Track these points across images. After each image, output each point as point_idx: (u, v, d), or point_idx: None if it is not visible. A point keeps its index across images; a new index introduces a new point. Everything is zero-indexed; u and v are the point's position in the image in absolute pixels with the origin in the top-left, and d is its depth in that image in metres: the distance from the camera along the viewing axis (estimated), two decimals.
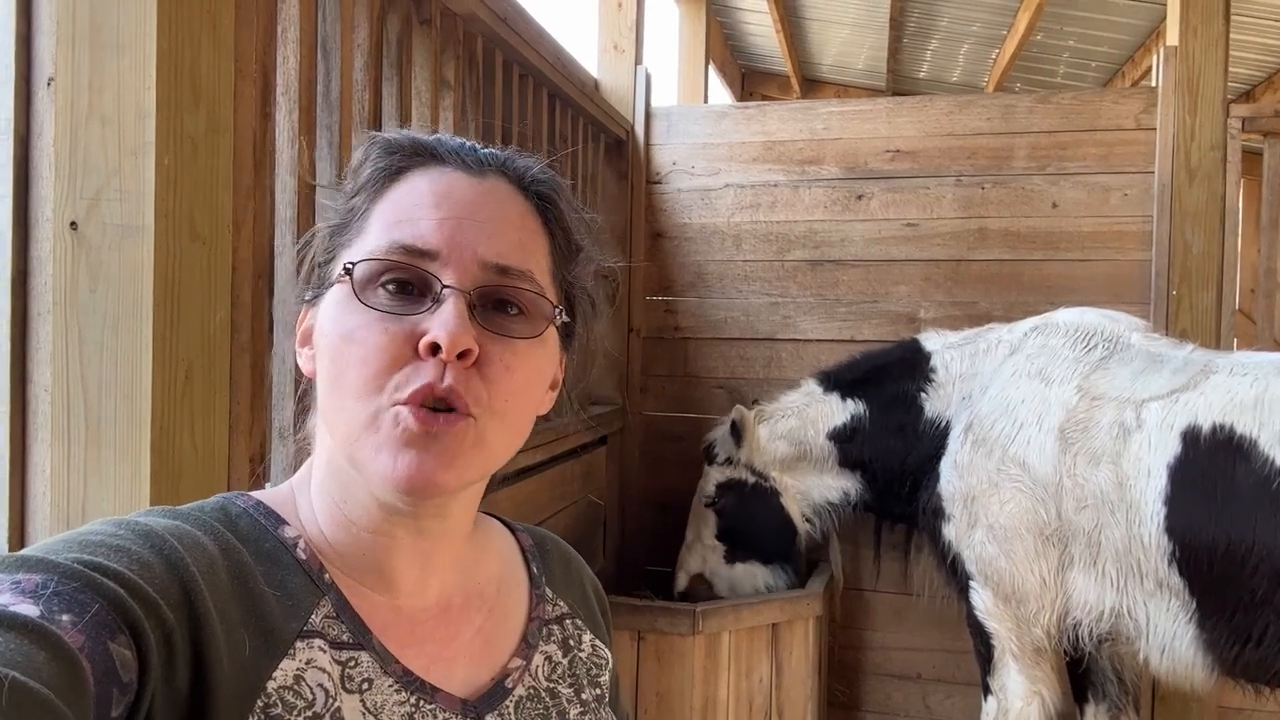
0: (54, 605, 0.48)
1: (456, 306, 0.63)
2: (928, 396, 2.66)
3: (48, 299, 1.12)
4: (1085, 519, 2.23)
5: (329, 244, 0.71)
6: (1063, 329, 2.48)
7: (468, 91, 2.19)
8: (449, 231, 0.66)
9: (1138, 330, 2.45)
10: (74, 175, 1.11)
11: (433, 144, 0.71)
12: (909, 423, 2.68)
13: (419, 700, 0.67)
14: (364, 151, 0.72)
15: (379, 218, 0.68)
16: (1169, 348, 2.38)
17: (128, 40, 1.10)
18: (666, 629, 2.55)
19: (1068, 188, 3.18)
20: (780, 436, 2.87)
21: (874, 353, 2.87)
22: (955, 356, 2.65)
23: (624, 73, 3.47)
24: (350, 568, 0.69)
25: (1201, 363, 2.26)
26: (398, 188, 0.69)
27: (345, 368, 0.64)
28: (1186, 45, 2.98)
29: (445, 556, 0.73)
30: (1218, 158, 2.97)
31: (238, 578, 0.62)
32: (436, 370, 0.62)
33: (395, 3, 1.89)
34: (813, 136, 3.40)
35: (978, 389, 2.54)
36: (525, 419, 0.70)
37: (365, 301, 0.64)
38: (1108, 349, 2.39)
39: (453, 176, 0.69)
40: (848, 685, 3.35)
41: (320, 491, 0.70)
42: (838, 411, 2.80)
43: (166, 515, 0.62)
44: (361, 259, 0.65)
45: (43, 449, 1.14)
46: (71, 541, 0.55)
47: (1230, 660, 2.09)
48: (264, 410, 1.46)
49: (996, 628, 2.43)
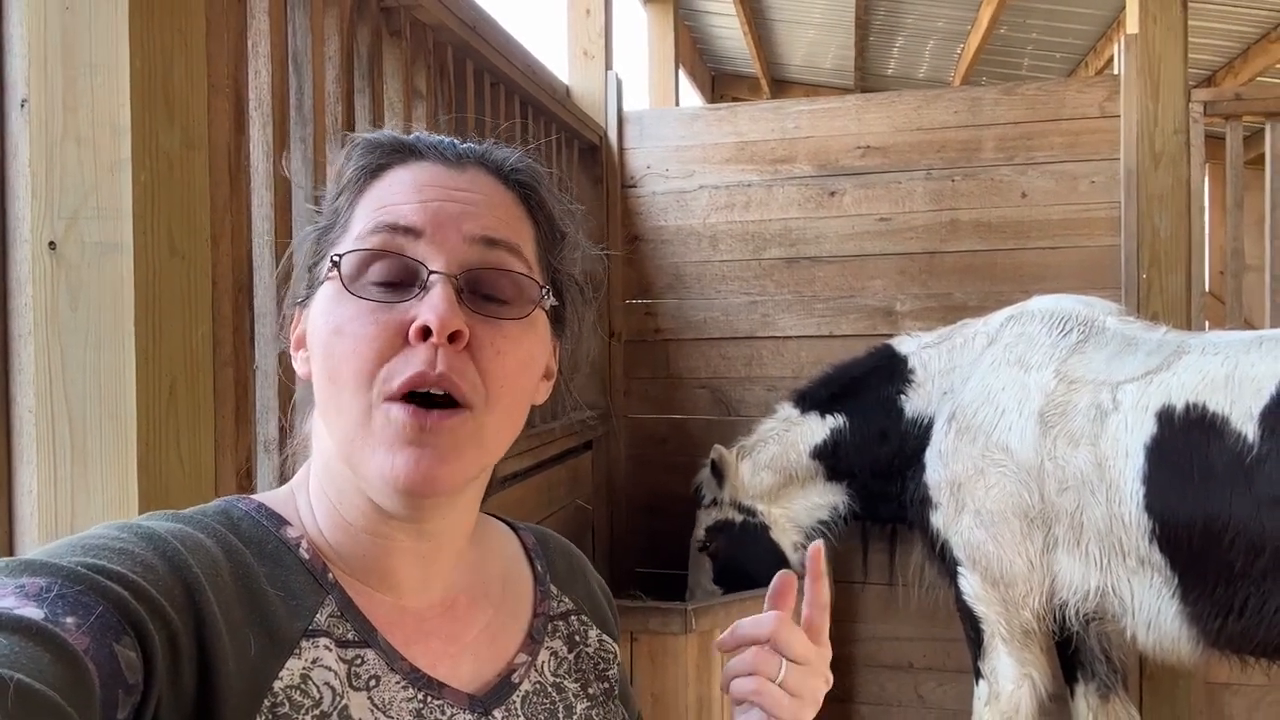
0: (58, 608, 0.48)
1: (445, 290, 0.63)
2: (907, 398, 2.69)
3: (29, 319, 1.12)
4: (1067, 500, 2.27)
5: (316, 246, 0.72)
6: (1039, 316, 2.52)
7: (440, 101, 2.20)
8: (432, 211, 0.66)
9: (1113, 314, 2.48)
10: (51, 195, 1.11)
11: (412, 141, 0.72)
12: (890, 426, 2.70)
13: (426, 696, 0.67)
14: (346, 152, 0.73)
15: (363, 211, 0.68)
16: (1143, 330, 2.42)
17: (100, 59, 1.10)
18: (659, 629, 2.55)
19: (1036, 177, 3.22)
20: (764, 467, 2.85)
21: (847, 364, 2.87)
22: (933, 355, 2.68)
23: (595, 78, 3.48)
24: (352, 568, 0.69)
25: (1175, 344, 2.29)
26: (379, 183, 0.70)
27: (338, 361, 0.64)
28: (1146, 32, 3.03)
29: (447, 556, 0.73)
30: (1181, 142, 3.02)
31: (241, 579, 0.62)
32: (428, 356, 0.62)
33: (365, 15, 1.90)
34: (784, 136, 3.43)
35: (959, 381, 2.57)
36: (520, 406, 0.70)
37: (355, 293, 0.65)
38: (1083, 333, 2.43)
39: (434, 168, 0.70)
40: (840, 677, 3.37)
41: (318, 493, 0.70)
42: (818, 430, 2.79)
43: (169, 518, 0.63)
44: (348, 250, 0.66)
45: (29, 470, 1.14)
46: (75, 545, 0.55)
47: (1214, 632, 2.13)
48: (249, 424, 1.46)
49: (985, 611, 2.46)
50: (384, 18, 1.98)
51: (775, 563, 2.85)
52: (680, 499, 3.20)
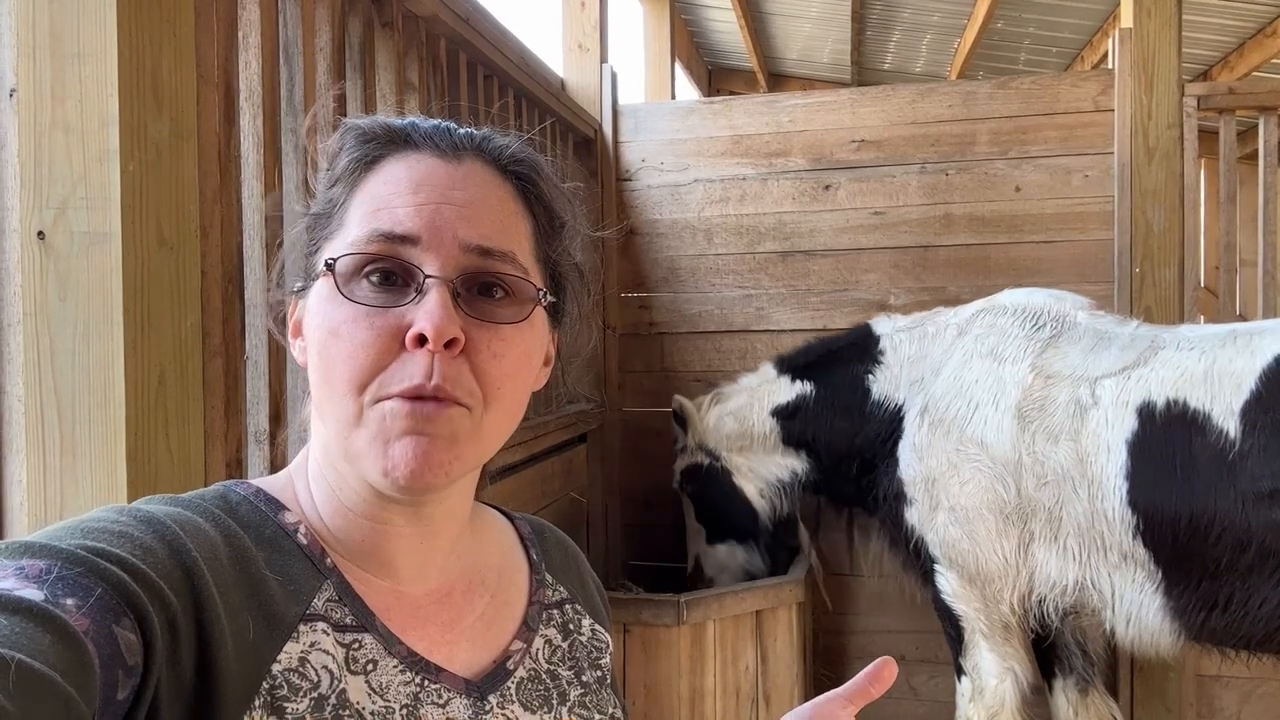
0: (58, 590, 0.49)
1: (441, 296, 0.63)
2: (875, 378, 2.70)
3: (17, 309, 1.13)
4: (1046, 495, 2.27)
5: (312, 235, 0.71)
6: (1010, 309, 2.52)
7: (433, 93, 2.20)
8: (428, 216, 0.65)
9: (1083, 309, 2.49)
10: (39, 185, 1.11)
11: (407, 129, 0.70)
12: (855, 404, 2.73)
13: (423, 680, 0.67)
14: (339, 139, 0.71)
15: (358, 208, 0.67)
16: (1115, 325, 2.42)
17: (89, 49, 1.10)
18: (652, 620, 2.56)
19: (1030, 171, 3.23)
20: (729, 413, 2.94)
21: (830, 338, 2.94)
22: (904, 340, 2.68)
23: (590, 71, 3.48)
24: (350, 553, 0.69)
25: (1149, 339, 2.29)
26: (375, 176, 0.68)
27: (333, 363, 0.64)
28: (1141, 27, 3.03)
29: (444, 542, 0.74)
30: (1175, 136, 3.02)
31: (240, 563, 0.62)
32: (424, 366, 0.62)
33: (356, 6, 1.90)
34: (779, 129, 3.44)
35: (929, 371, 2.57)
36: (519, 401, 0.70)
37: (349, 296, 0.64)
38: (1056, 327, 2.43)
39: (430, 162, 0.68)
40: (833, 669, 3.39)
41: (317, 478, 0.71)
42: (784, 390, 2.86)
43: (167, 502, 0.63)
44: (343, 253, 0.65)
45: (18, 460, 1.14)
46: (74, 528, 0.55)
47: (1197, 626, 2.14)
48: (239, 415, 1.46)
49: (964, 609, 2.46)
50: (376, 9, 1.98)
51: (741, 505, 2.99)
52: (674, 492, 3.21)
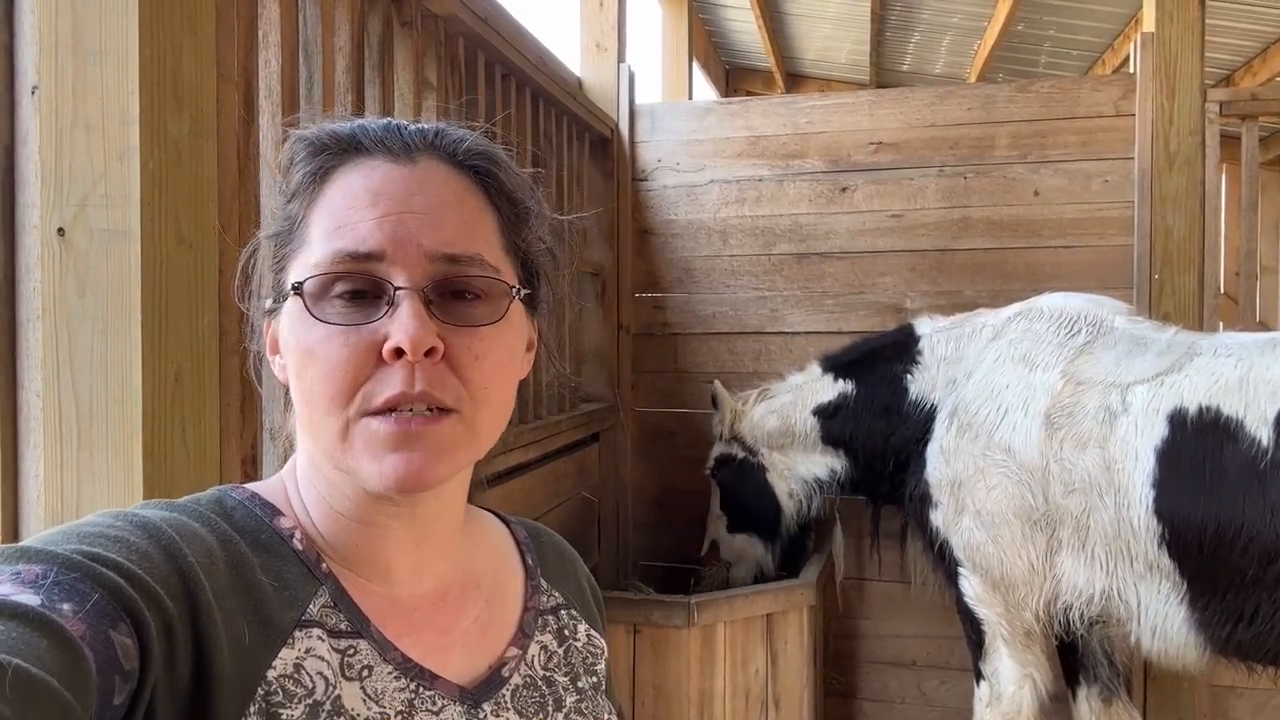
0: (55, 595, 0.49)
1: (414, 306, 0.62)
2: (913, 378, 2.69)
3: (36, 305, 1.13)
4: (1073, 503, 2.24)
5: (277, 252, 0.69)
6: (1047, 313, 2.49)
7: (450, 92, 2.20)
8: (390, 229, 0.64)
9: (1121, 314, 2.45)
10: (60, 182, 1.12)
11: (356, 133, 0.68)
12: (894, 403, 2.72)
13: (418, 687, 0.67)
14: (289, 151, 0.69)
15: (318, 225, 0.66)
16: (1153, 331, 2.39)
17: (110, 47, 1.11)
18: (662, 622, 2.56)
19: (1049, 175, 3.20)
20: (774, 411, 2.94)
21: (873, 336, 2.95)
22: (941, 340, 2.67)
23: (607, 71, 3.48)
24: (345, 558, 0.69)
25: (1185, 345, 2.26)
26: (331, 189, 0.67)
27: (312, 383, 0.63)
28: (1163, 31, 3.00)
29: (438, 544, 0.74)
30: (1196, 142, 2.99)
31: (236, 568, 0.62)
32: (405, 376, 0.62)
33: (375, 5, 1.90)
34: (796, 131, 3.42)
35: (962, 374, 2.56)
36: (507, 395, 0.70)
37: (320, 317, 0.63)
38: (1092, 333, 2.40)
39: (384, 168, 0.67)
40: (843, 673, 3.38)
41: (306, 486, 0.71)
42: (827, 389, 2.86)
43: (163, 507, 0.63)
44: (308, 276, 0.64)
45: (35, 454, 1.15)
46: (70, 533, 0.55)
47: (1223, 639, 2.10)
48: (255, 412, 1.46)
49: (987, 613, 2.45)
50: (395, 8, 1.98)
51: (768, 504, 2.99)
52: (686, 492, 3.21)
